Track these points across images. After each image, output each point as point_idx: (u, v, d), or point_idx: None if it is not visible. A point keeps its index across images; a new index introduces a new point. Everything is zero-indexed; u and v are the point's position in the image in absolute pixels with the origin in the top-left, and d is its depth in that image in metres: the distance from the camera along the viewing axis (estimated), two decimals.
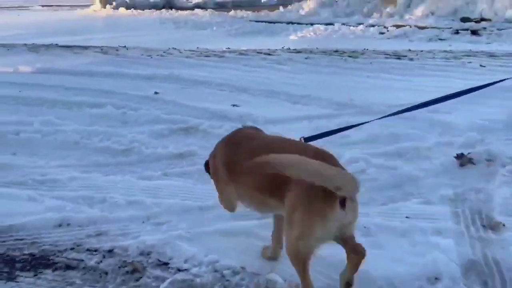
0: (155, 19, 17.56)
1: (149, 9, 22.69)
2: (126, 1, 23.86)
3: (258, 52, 8.05)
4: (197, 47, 9.10)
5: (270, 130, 2.73)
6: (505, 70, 5.76)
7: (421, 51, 7.73)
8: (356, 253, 1.69)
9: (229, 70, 6.62)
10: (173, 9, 22.41)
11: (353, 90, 5.25)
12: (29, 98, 5.02)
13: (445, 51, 7.69)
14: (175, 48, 8.81)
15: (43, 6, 30.44)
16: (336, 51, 7.99)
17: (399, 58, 7.07)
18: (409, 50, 7.88)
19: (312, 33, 11.96)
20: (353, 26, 13.03)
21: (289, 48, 8.53)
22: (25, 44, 9.06)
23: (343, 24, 14.07)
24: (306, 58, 7.31)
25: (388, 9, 17.43)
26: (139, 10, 21.35)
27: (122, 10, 21.38)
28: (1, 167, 3.23)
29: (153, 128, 3.97)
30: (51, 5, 30.75)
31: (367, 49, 8.08)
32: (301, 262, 1.69)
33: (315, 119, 4.17)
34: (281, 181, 1.68)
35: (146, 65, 6.95)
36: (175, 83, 5.77)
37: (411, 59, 6.95)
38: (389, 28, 12.16)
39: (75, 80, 5.90)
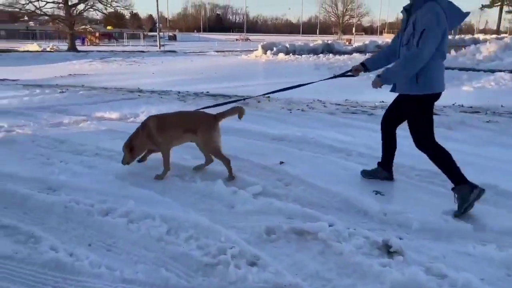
0: (310, 64, 17.18)
1: (307, 54, 22.76)
2: (286, 47, 24.48)
3: None
4: (346, 100, 8.03)
5: None
6: None
7: None
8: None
9: (377, 134, 5.26)
10: (331, 54, 22.01)
11: None
12: None
13: None
14: (320, 101, 7.90)
15: (216, 51, 33.84)
16: None
17: None
18: None
19: (493, 84, 9.69)
20: None
21: (461, 105, 6.76)
22: (178, 92, 9.34)
23: None
24: (486, 122, 5.51)
25: None
26: (296, 56, 21.52)
27: (281, 55, 21.88)
28: None
29: (254, 226, 2.92)
30: (223, 51, 34.05)
31: None
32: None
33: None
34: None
35: (282, 122, 6.14)
36: (307, 149, 4.74)
37: None
38: None
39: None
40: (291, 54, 22.52)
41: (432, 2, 3.01)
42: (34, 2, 35.23)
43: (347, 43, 41.59)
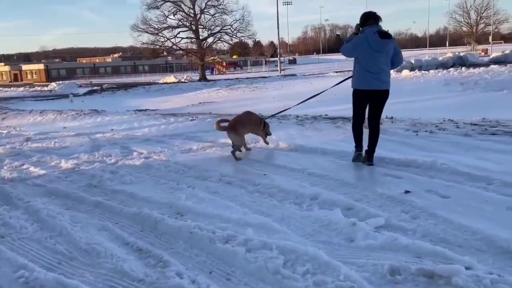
0: (439, 80, 15.87)
1: (435, 69, 21.13)
2: (410, 63, 23.13)
3: None
4: (483, 118, 7.14)
5: None
6: None
7: None
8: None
9: None
10: (463, 67, 20.07)
11: None
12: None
13: None
14: (452, 120, 7.15)
15: (336, 72, 33.65)
16: None
17: None
18: None
19: None
20: None
21: None
22: (297, 116, 9.42)
23: None
24: None
25: None
26: (423, 71, 20.12)
27: (405, 72, 20.68)
28: None
29: (376, 264, 2.68)
30: (343, 71, 33.64)
31: None
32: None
33: None
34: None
35: (407, 146, 5.69)
36: (438, 177, 4.26)
37: None
38: None
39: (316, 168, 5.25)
40: (416, 70, 21.15)
41: (362, 33, 4.82)
42: (171, 39, 39.78)
43: (482, 53, 37.66)
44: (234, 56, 73.29)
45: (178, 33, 40.33)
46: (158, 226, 3.50)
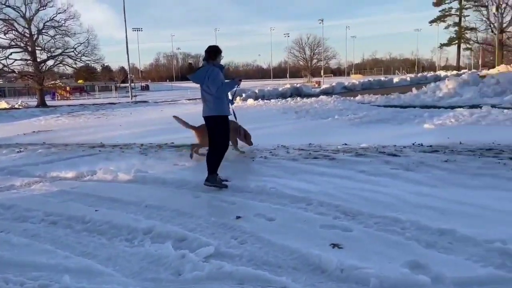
0: (279, 109, 17.33)
1: (276, 98, 23.14)
2: (255, 92, 24.87)
3: (380, 152, 6.54)
4: (310, 144, 8.01)
5: None
6: None
7: None
8: None
9: (339, 179, 5.24)
10: (298, 97, 22.43)
11: None
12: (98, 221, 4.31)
13: None
14: (284, 146, 7.84)
15: (188, 99, 34.03)
16: (490, 149, 6.00)
17: None
18: None
19: (453, 120, 9.94)
20: (509, 109, 10.59)
21: (421, 145, 6.83)
22: (141, 145, 9.14)
23: (493, 106, 11.67)
24: (445, 161, 5.53)
25: None
26: (265, 100, 21.81)
27: (250, 101, 22.12)
28: None
29: None
30: (195, 99, 34.22)
31: None
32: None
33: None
34: None
35: (244, 172, 6.00)
36: (268, 201, 4.57)
37: None
38: None
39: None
40: (260, 99, 22.83)
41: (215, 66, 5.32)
42: (1, 60, 35.02)
43: (316, 85, 42.77)
44: (80, 81, 68.35)
45: (11, 54, 35.78)
46: None
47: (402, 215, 3.81)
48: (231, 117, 5.65)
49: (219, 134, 5.30)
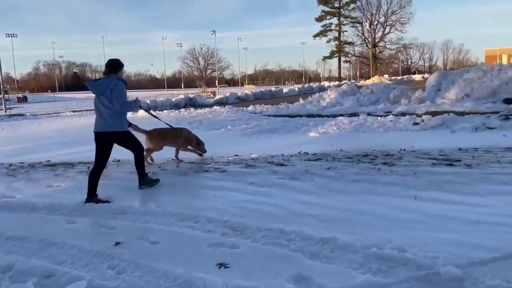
0: (171, 120, 16.88)
1: (169, 109, 22.57)
2: (146, 103, 23.96)
3: (269, 162, 6.63)
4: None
5: None
6: None
7: (475, 149, 6.10)
8: None
9: (227, 192, 5.15)
10: (192, 108, 22.20)
11: (399, 226, 3.64)
12: None
13: (508, 148, 6.02)
14: (174, 159, 7.54)
15: (73, 112, 31.41)
16: (366, 155, 6.47)
17: (451, 165, 5.44)
18: (460, 149, 6.28)
19: (335, 128, 10.63)
20: (381, 117, 11.70)
21: (306, 153, 7.11)
22: (10, 165, 8.03)
23: (369, 114, 12.81)
24: (327, 169, 5.79)
25: (417, 94, 16.22)
26: (158, 111, 21.13)
27: (141, 112, 21.18)
28: None
29: None
30: (81, 110, 31.76)
31: (404, 150, 6.54)
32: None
33: None
34: None
35: (128, 190, 5.57)
36: (153, 222, 4.26)
37: (469, 165, 5.31)
38: (424, 117, 10.72)
39: None
40: (152, 110, 22.03)
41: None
42: None
43: (211, 95, 42.86)
44: None
45: None
46: None
47: (288, 226, 3.83)
48: (177, 125, 6.00)
49: (132, 143, 5.34)
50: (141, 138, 6.48)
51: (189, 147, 7.33)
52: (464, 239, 3.24)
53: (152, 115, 7.20)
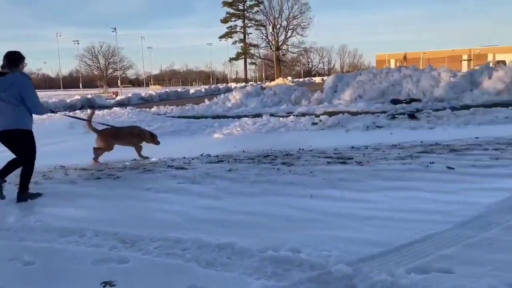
0: (65, 123, 15.52)
1: (64, 110, 20.78)
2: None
3: (169, 166, 6.34)
4: (92, 160, 7.23)
5: None
6: (484, 172, 4.56)
7: (366, 147, 6.49)
8: None
9: (120, 201, 4.76)
10: (89, 110, 20.68)
11: (296, 226, 3.64)
12: None
13: (394, 146, 6.51)
14: (63, 167, 6.86)
15: None
16: (267, 156, 6.51)
17: (344, 163, 5.69)
18: (352, 147, 6.63)
19: (239, 129, 10.64)
20: (283, 117, 12.03)
21: (209, 155, 6.96)
22: None
23: (272, 115, 13.11)
24: (229, 171, 5.70)
25: (316, 95, 17.05)
26: (49, 114, 19.29)
27: (57, 115, 19.19)
28: None
29: None
30: None
31: (303, 149, 6.72)
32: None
33: None
34: None
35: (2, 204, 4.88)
36: (28, 239, 3.74)
37: (359, 163, 5.59)
38: (321, 117, 11.24)
39: None
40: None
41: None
42: None
43: (114, 96, 40.58)
44: None
45: None
46: None
47: (185, 234, 3.62)
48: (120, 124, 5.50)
49: (28, 148, 4.97)
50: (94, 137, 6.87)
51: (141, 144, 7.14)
52: (356, 235, 3.34)
53: (69, 116, 7.05)
